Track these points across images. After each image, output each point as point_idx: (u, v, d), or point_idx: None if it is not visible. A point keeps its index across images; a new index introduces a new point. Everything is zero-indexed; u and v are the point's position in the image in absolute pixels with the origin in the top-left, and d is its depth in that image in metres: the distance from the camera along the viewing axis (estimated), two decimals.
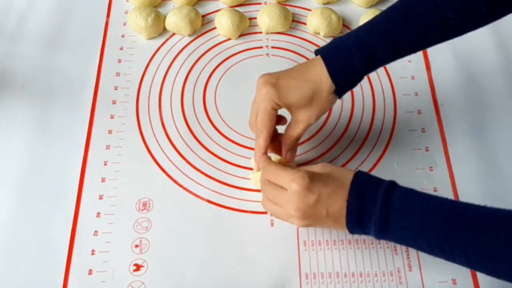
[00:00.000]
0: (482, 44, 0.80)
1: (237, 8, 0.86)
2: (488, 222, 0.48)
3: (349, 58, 0.58)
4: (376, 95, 0.77)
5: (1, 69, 0.79)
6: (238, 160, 0.71)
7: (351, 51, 0.58)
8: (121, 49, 0.82)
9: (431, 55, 0.80)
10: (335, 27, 0.82)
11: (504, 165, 0.69)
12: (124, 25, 0.84)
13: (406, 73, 0.78)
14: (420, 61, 0.80)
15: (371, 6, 0.86)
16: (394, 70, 0.79)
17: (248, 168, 0.69)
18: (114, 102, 0.76)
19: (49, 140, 0.72)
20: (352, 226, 0.53)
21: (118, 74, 0.79)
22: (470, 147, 0.71)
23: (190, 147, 0.72)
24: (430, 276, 0.61)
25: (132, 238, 0.64)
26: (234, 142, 0.72)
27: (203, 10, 0.86)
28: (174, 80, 0.79)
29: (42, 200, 0.67)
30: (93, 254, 0.63)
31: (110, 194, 0.67)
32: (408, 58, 0.66)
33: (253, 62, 0.80)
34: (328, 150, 0.72)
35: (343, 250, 0.63)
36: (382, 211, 0.51)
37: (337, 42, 0.60)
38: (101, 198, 0.67)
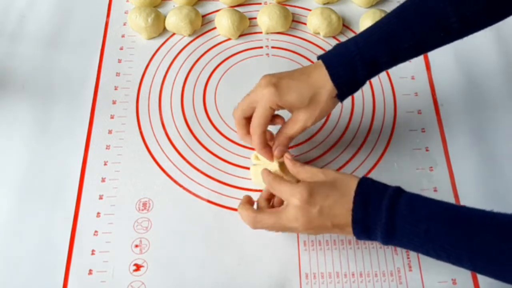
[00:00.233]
0: (482, 44, 0.80)
1: (237, 8, 0.85)
2: (494, 226, 0.48)
3: (351, 65, 0.59)
4: (376, 95, 0.77)
5: (1, 69, 0.79)
6: (238, 160, 0.71)
7: (353, 57, 0.58)
8: (121, 49, 0.82)
9: (431, 55, 0.80)
10: (335, 27, 0.82)
11: (504, 165, 0.69)
12: (124, 25, 0.84)
13: (406, 73, 0.78)
14: (420, 61, 0.79)
15: (371, 6, 0.86)
16: (394, 70, 0.77)
17: (248, 168, 0.69)
18: (114, 102, 0.76)
19: (49, 140, 0.72)
20: (358, 234, 0.53)
21: (118, 74, 0.79)
22: (470, 147, 0.71)
23: (190, 147, 0.72)
24: (430, 276, 0.61)
25: (132, 238, 0.64)
26: (234, 142, 0.72)
27: (203, 10, 0.86)
28: (174, 80, 0.79)
29: (42, 200, 0.67)
30: (93, 254, 0.63)
31: (110, 194, 0.67)
32: None
33: (253, 62, 0.80)
34: (328, 150, 0.72)
35: (343, 250, 0.63)
36: (387, 218, 0.50)
37: (339, 48, 0.60)
38: (101, 198, 0.67)
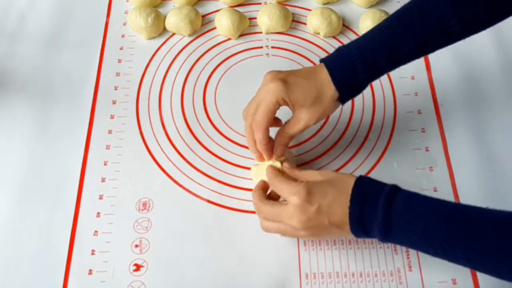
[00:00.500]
0: (482, 44, 0.80)
1: (237, 8, 0.85)
2: (491, 224, 0.48)
3: (352, 68, 0.59)
4: (376, 95, 0.77)
5: (1, 69, 0.79)
6: (238, 160, 0.71)
7: (355, 61, 0.59)
8: (121, 49, 0.82)
9: (431, 55, 0.79)
10: (335, 27, 0.82)
11: (504, 165, 0.69)
12: (124, 25, 0.84)
13: (406, 73, 0.78)
14: (420, 61, 0.79)
15: (371, 6, 0.86)
16: (394, 70, 0.78)
17: (248, 168, 0.69)
18: (114, 102, 0.76)
19: (49, 140, 0.72)
20: (356, 232, 0.53)
21: (118, 74, 0.79)
22: (470, 147, 0.71)
23: (190, 147, 0.72)
24: (430, 276, 0.61)
25: (132, 238, 0.64)
26: (234, 142, 0.72)
27: (203, 10, 0.86)
28: (174, 80, 0.79)
29: (42, 200, 0.67)
30: (93, 254, 0.63)
31: (110, 194, 0.67)
32: None
33: (253, 62, 0.80)
34: (328, 150, 0.72)
35: (343, 250, 0.63)
36: (384, 216, 0.51)
37: (340, 52, 0.61)
38: (101, 198, 0.67)
